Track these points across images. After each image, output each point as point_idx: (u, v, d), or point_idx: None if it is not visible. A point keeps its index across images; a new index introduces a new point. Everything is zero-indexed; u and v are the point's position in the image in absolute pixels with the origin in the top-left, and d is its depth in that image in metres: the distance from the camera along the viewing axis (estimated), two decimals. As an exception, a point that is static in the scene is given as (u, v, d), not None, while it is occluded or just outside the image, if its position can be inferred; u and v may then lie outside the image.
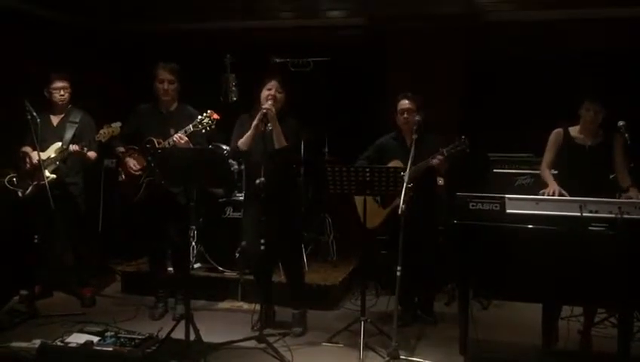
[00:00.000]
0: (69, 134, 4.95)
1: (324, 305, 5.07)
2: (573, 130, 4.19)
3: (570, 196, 3.85)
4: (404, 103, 4.58)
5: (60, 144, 4.89)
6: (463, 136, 4.35)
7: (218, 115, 4.49)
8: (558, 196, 3.87)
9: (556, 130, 4.24)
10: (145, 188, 4.69)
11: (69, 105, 5.08)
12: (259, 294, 4.62)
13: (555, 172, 4.23)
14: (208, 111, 4.47)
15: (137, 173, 4.71)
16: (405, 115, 4.55)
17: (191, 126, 4.47)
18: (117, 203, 5.23)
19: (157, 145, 4.53)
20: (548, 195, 3.90)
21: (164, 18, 6.48)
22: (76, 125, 4.99)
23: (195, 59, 6.05)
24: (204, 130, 4.47)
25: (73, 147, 4.79)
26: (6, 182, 4.86)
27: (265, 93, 4.33)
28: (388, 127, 4.98)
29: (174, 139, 4.46)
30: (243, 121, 4.47)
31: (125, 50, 6.75)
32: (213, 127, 4.45)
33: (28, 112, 4.68)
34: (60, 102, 5.00)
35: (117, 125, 4.77)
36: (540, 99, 5.77)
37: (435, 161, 4.37)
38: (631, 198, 3.79)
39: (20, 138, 4.92)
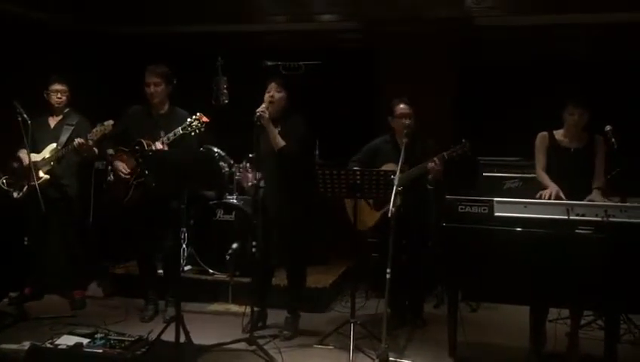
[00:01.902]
0: (64, 136, 4.97)
1: (315, 307, 5.08)
2: (558, 134, 4.22)
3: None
4: (404, 108, 4.60)
5: (54, 145, 4.91)
6: (464, 140, 4.33)
7: (208, 117, 4.50)
8: (556, 196, 3.88)
9: (541, 134, 4.26)
10: (134, 189, 4.69)
11: (68, 108, 5.10)
12: (253, 296, 4.63)
13: None
14: (197, 114, 4.48)
15: (127, 177, 4.71)
16: (404, 120, 4.55)
17: (180, 128, 4.48)
18: (107, 204, 5.23)
19: (146, 148, 4.54)
20: (546, 196, 3.91)
21: (156, 21, 6.48)
22: (72, 127, 5.01)
23: (186, 61, 6.06)
24: (193, 133, 4.47)
25: (78, 140, 4.79)
26: (0, 184, 4.86)
27: (265, 96, 4.37)
28: (379, 131, 5.01)
29: (157, 146, 4.47)
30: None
31: (117, 52, 6.74)
32: (202, 129, 4.45)
33: (18, 114, 4.71)
34: (57, 105, 5.03)
35: (109, 123, 4.79)
36: (529, 103, 5.81)
37: (431, 165, 4.37)
38: (592, 201, 3.83)
39: (15, 140, 4.91)
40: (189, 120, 4.47)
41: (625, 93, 5.67)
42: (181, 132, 4.48)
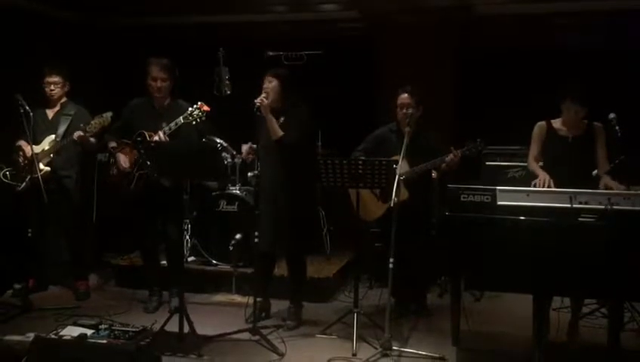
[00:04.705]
0: (62, 127, 4.97)
1: (318, 297, 5.09)
2: (556, 123, 4.22)
3: (556, 187, 3.87)
4: (404, 97, 4.59)
5: (53, 137, 4.92)
6: (479, 139, 4.37)
7: (210, 107, 4.50)
8: (548, 185, 3.88)
9: (539, 123, 4.26)
10: (137, 181, 4.69)
11: (65, 99, 5.10)
12: (256, 286, 4.63)
13: (540, 163, 4.26)
14: (198, 103, 4.48)
15: (127, 170, 4.71)
16: (404, 110, 4.56)
17: (181, 118, 4.48)
18: (109, 196, 5.24)
19: (148, 139, 4.53)
20: (539, 185, 3.92)
21: (157, 11, 6.46)
22: (70, 118, 5.01)
23: (188, 52, 6.05)
24: (194, 122, 4.47)
25: (77, 134, 4.78)
26: (1, 177, 4.87)
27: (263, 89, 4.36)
28: (380, 120, 5.00)
29: (159, 136, 4.47)
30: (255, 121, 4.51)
31: (118, 43, 6.73)
32: (203, 118, 4.45)
33: (20, 106, 4.72)
34: (52, 97, 5.03)
35: (108, 115, 4.79)
36: (532, 92, 5.79)
37: (450, 156, 4.35)
38: (608, 187, 3.83)
39: (16, 132, 4.92)
40: (190, 109, 4.47)
41: (627, 80, 5.63)
42: (182, 121, 4.48)
